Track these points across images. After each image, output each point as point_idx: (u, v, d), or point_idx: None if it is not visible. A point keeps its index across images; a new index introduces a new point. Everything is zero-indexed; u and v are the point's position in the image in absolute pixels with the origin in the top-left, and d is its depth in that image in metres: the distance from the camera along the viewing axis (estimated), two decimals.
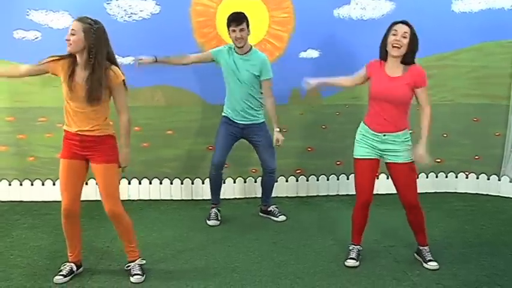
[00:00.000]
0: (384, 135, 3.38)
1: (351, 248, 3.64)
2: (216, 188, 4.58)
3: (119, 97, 3.21)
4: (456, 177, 5.47)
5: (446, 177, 5.46)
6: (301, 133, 5.23)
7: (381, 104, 3.37)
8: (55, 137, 5.01)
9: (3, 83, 4.86)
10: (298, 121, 5.24)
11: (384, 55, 3.42)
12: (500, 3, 5.10)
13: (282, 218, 4.59)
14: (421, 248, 3.61)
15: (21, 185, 5.16)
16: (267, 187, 4.65)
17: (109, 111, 3.25)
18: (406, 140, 3.42)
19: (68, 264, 3.39)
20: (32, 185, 5.15)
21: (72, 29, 3.07)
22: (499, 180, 5.34)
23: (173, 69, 4.31)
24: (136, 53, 4.95)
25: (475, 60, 5.21)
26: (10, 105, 4.99)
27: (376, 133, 3.40)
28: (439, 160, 5.40)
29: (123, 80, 3.19)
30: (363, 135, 3.46)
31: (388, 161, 3.45)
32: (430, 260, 3.52)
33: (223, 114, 4.47)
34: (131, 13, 4.93)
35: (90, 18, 3.13)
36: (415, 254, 3.66)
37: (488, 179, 5.39)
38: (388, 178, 4.87)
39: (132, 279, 3.32)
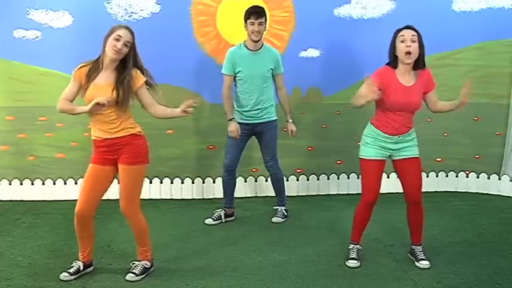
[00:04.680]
0: (399, 137, 3.38)
1: (350, 247, 3.61)
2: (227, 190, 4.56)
3: (144, 97, 3.26)
4: (457, 176, 5.47)
5: (447, 176, 5.46)
6: (302, 132, 5.20)
7: (396, 113, 3.34)
8: (55, 136, 5.03)
9: (2, 82, 4.87)
10: (299, 120, 5.19)
11: (394, 63, 3.34)
12: (501, 3, 5.10)
13: (275, 219, 4.53)
14: (414, 247, 3.59)
15: (21, 184, 5.16)
16: (273, 186, 4.64)
17: (129, 111, 3.26)
18: (414, 137, 3.46)
19: (77, 262, 3.37)
20: (32, 184, 5.15)
21: (128, 41, 3.12)
22: (500, 179, 5.34)
23: (174, 68, 4.30)
24: None
25: (475, 59, 5.21)
26: (10, 104, 4.99)
27: (390, 136, 3.37)
28: (439, 159, 5.40)
29: (146, 81, 3.24)
30: (374, 138, 3.40)
31: (398, 157, 3.43)
32: (422, 259, 3.51)
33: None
34: (131, 12, 4.92)
35: (129, 27, 3.20)
36: (409, 254, 3.65)
37: (489, 178, 5.38)
38: (388, 177, 4.92)
39: (127, 276, 3.32)
